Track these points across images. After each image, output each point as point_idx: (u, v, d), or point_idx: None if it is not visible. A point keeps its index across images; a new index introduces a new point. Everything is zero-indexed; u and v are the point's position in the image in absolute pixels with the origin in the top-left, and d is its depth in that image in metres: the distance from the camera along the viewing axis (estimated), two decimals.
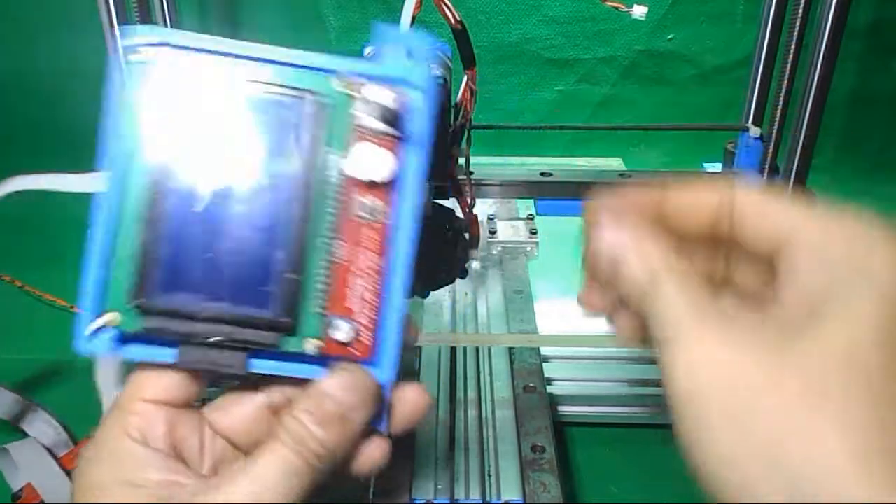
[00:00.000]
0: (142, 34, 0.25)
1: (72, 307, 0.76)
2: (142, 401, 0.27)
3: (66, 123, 0.93)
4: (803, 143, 0.50)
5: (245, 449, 0.29)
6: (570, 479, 0.58)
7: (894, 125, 0.94)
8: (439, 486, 0.48)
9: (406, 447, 0.50)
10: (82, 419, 0.62)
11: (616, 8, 0.40)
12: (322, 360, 0.27)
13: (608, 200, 0.26)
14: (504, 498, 0.47)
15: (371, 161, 0.26)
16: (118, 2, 0.47)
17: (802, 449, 0.19)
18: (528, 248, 0.74)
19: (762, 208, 0.24)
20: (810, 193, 0.52)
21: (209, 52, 0.26)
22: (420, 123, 0.27)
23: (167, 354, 0.26)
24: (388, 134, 0.26)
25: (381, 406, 0.28)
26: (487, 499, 0.47)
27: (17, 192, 0.41)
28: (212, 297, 0.26)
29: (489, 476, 0.49)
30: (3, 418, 0.56)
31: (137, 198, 0.25)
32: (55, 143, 0.95)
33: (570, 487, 0.56)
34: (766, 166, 0.55)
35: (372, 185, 0.26)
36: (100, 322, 0.25)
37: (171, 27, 0.58)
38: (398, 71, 0.26)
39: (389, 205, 0.27)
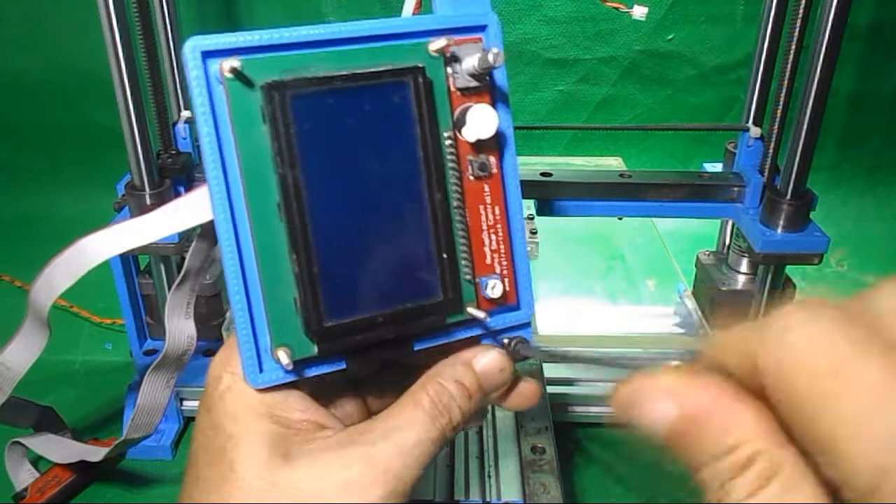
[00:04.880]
0: (208, 45, 0.24)
1: (71, 307, 0.76)
2: None
3: (69, 123, 0.94)
4: (803, 143, 0.50)
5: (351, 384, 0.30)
6: (570, 479, 0.57)
7: (894, 125, 0.94)
8: (439, 486, 0.48)
9: None
10: (85, 419, 0.63)
11: (616, 8, 0.40)
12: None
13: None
14: (504, 498, 0.47)
15: (480, 120, 0.26)
16: (118, 2, 0.47)
17: None
18: (529, 248, 0.74)
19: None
20: (810, 193, 0.52)
21: (292, 46, 0.26)
22: (499, 74, 0.27)
23: (337, 364, 0.27)
24: (479, 88, 0.27)
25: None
26: (487, 499, 0.47)
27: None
28: (379, 301, 0.25)
29: (489, 476, 0.49)
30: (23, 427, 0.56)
31: (271, 227, 0.24)
32: (49, 144, 0.95)
33: (569, 487, 0.56)
34: (767, 166, 0.55)
35: (479, 143, 0.27)
36: (280, 359, 0.25)
37: (171, 27, 0.58)
38: (460, 19, 0.27)
39: (495, 155, 0.28)
